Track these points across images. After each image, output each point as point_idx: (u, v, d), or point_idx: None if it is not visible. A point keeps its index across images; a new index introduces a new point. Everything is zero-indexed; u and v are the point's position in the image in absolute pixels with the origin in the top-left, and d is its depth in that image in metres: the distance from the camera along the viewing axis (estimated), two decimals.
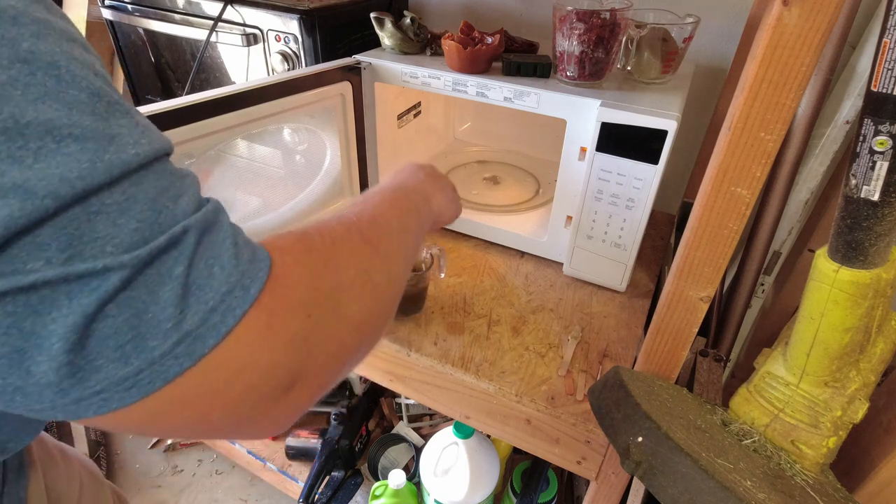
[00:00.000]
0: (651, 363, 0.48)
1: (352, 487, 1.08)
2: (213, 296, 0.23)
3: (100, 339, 0.20)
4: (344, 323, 0.29)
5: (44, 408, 0.21)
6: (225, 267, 0.23)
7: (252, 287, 0.24)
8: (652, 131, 0.57)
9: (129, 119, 0.22)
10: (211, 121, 0.56)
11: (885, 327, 0.41)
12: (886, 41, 0.30)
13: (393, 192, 0.43)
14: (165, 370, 0.21)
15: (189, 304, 0.22)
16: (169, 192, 0.23)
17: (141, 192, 0.22)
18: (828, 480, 0.44)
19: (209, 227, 0.24)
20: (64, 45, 0.21)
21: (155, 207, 0.22)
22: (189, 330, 0.22)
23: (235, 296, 0.23)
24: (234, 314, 0.23)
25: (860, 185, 0.34)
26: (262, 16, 0.78)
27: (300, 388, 0.26)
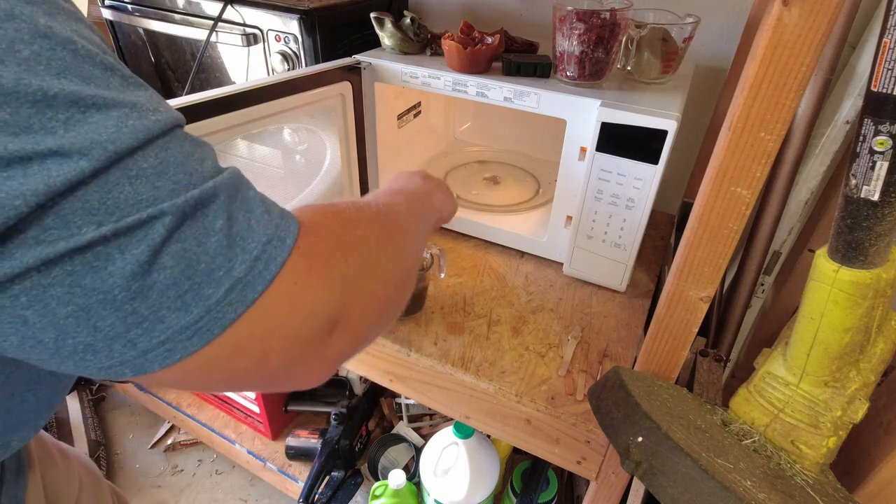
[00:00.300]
0: (651, 363, 0.48)
1: (352, 487, 1.08)
2: (255, 245, 0.24)
3: (160, 290, 0.21)
4: (377, 272, 0.31)
5: (113, 364, 0.22)
6: (260, 220, 0.25)
7: (288, 238, 0.26)
8: (652, 131, 0.57)
9: (144, 91, 0.24)
10: (211, 121, 0.56)
11: (885, 327, 0.41)
12: (886, 41, 0.30)
13: (397, 190, 0.45)
14: (223, 316, 0.23)
15: (235, 253, 0.23)
16: (194, 156, 0.24)
17: (171, 156, 0.23)
18: (828, 480, 0.44)
19: (237, 186, 0.25)
20: (73, 23, 0.22)
21: (185, 170, 0.23)
22: (239, 277, 0.23)
23: (275, 245, 0.25)
24: (277, 261, 0.25)
25: (860, 185, 0.34)
26: (262, 16, 0.78)
27: (342, 330, 0.28)
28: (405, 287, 0.36)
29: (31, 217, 0.19)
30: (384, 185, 0.50)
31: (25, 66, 0.19)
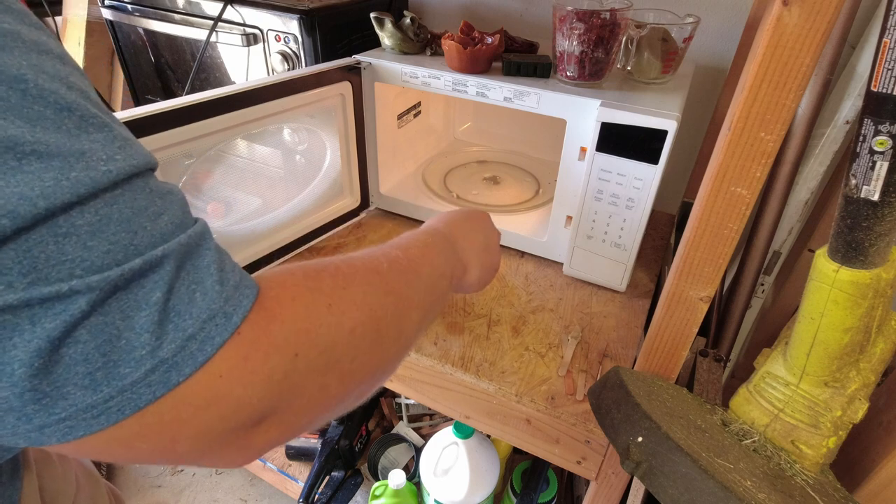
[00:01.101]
0: (651, 363, 0.48)
1: (352, 487, 1.08)
2: (192, 322, 0.22)
3: (68, 366, 0.19)
4: (334, 370, 0.27)
5: (4, 433, 0.20)
6: (207, 293, 0.23)
7: (234, 315, 0.23)
8: (652, 131, 0.57)
9: (105, 133, 0.21)
10: (211, 121, 0.56)
11: (885, 327, 0.41)
12: (886, 41, 0.30)
13: (440, 246, 0.41)
14: (137, 398, 0.21)
15: (167, 330, 0.21)
16: (147, 212, 0.22)
17: (115, 212, 0.21)
18: (828, 480, 0.44)
19: (192, 250, 0.23)
20: (33, 57, 0.20)
21: (130, 228, 0.21)
22: (165, 358, 0.21)
23: (216, 323, 0.22)
24: (213, 342, 0.22)
25: (860, 185, 0.34)
26: (262, 16, 0.78)
27: (270, 424, 0.25)
28: (383, 373, 0.32)
29: None
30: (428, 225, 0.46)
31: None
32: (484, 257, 0.48)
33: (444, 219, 0.47)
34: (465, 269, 0.45)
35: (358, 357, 0.29)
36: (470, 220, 0.48)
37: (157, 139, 0.51)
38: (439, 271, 0.39)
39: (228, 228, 0.64)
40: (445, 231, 0.45)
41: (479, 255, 0.47)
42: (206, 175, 0.60)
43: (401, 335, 0.32)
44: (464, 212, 0.49)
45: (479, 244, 0.47)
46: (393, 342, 0.31)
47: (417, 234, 0.41)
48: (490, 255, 0.49)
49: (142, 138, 0.50)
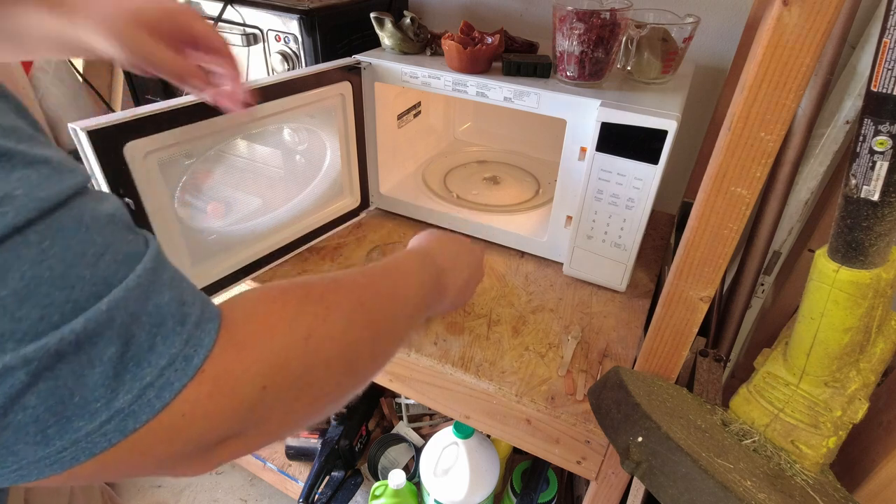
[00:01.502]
0: (651, 363, 0.48)
1: (352, 487, 1.08)
2: (150, 371, 0.21)
3: (16, 429, 0.18)
4: (304, 397, 0.27)
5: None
6: (167, 337, 0.22)
7: (196, 356, 0.22)
8: (652, 131, 0.57)
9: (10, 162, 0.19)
10: (211, 121, 0.56)
11: (885, 327, 0.41)
12: (886, 41, 0.30)
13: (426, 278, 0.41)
14: (91, 447, 0.20)
15: (123, 381, 0.20)
16: (85, 257, 0.20)
17: (44, 270, 0.18)
18: (828, 480, 0.44)
19: (146, 291, 0.21)
20: None
21: (66, 283, 0.19)
22: (120, 408, 0.20)
23: (176, 368, 0.22)
24: (173, 388, 0.21)
25: (860, 185, 0.34)
26: (262, 16, 0.78)
27: (235, 443, 0.25)
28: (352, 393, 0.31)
29: None
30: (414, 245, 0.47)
31: None
32: (464, 294, 0.50)
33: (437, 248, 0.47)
34: (442, 292, 0.45)
35: (329, 384, 0.28)
36: (462, 254, 0.49)
37: (157, 139, 0.51)
38: (420, 304, 0.39)
39: (228, 228, 0.64)
40: (436, 262, 0.45)
41: (460, 291, 0.48)
42: (206, 175, 0.60)
43: (375, 362, 0.32)
44: (457, 244, 0.50)
45: (463, 281, 0.48)
46: (366, 368, 0.32)
47: (409, 262, 0.41)
48: (469, 291, 0.51)
49: (142, 138, 0.50)
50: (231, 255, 0.65)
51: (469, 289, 0.50)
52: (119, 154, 0.49)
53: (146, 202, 0.52)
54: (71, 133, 0.46)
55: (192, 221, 0.59)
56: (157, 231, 0.54)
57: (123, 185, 0.50)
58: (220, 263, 0.63)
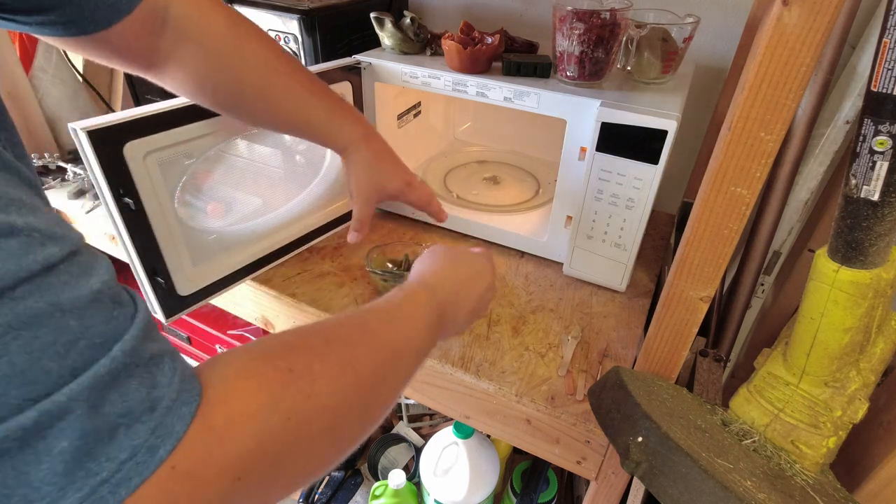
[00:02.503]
0: (651, 363, 0.48)
1: (352, 487, 1.08)
2: (108, 465, 0.19)
3: None
4: (282, 478, 0.25)
5: None
6: (132, 426, 0.20)
7: (161, 447, 0.20)
8: (652, 131, 0.57)
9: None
10: (211, 121, 0.56)
11: (885, 327, 0.41)
12: (886, 41, 0.30)
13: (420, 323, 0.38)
14: None
15: (75, 478, 0.18)
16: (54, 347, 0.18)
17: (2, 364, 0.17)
18: (828, 480, 0.44)
19: (118, 376, 0.20)
20: None
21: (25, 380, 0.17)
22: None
23: (137, 461, 0.19)
24: (130, 484, 0.19)
25: (860, 185, 0.34)
26: (262, 16, 0.78)
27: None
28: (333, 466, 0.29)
29: None
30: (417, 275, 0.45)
31: None
32: (469, 322, 0.48)
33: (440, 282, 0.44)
34: (443, 335, 0.44)
35: (312, 460, 0.27)
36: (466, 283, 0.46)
37: (157, 139, 0.51)
38: (419, 351, 0.38)
39: (229, 228, 0.64)
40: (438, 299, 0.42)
41: (469, 316, 0.47)
42: (207, 175, 0.60)
43: (364, 425, 0.31)
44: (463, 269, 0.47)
45: (467, 312, 0.46)
46: (354, 434, 0.30)
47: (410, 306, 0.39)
48: (480, 310, 0.49)
49: (142, 138, 0.50)
50: (231, 255, 0.65)
51: (473, 318, 0.48)
52: (119, 154, 0.49)
53: (146, 202, 0.52)
54: (71, 133, 0.46)
55: (192, 221, 0.59)
56: (156, 231, 0.54)
57: (123, 185, 0.50)
58: (220, 263, 0.63)
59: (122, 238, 0.52)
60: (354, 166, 0.57)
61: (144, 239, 0.54)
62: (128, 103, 1.07)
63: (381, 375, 0.32)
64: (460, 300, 0.45)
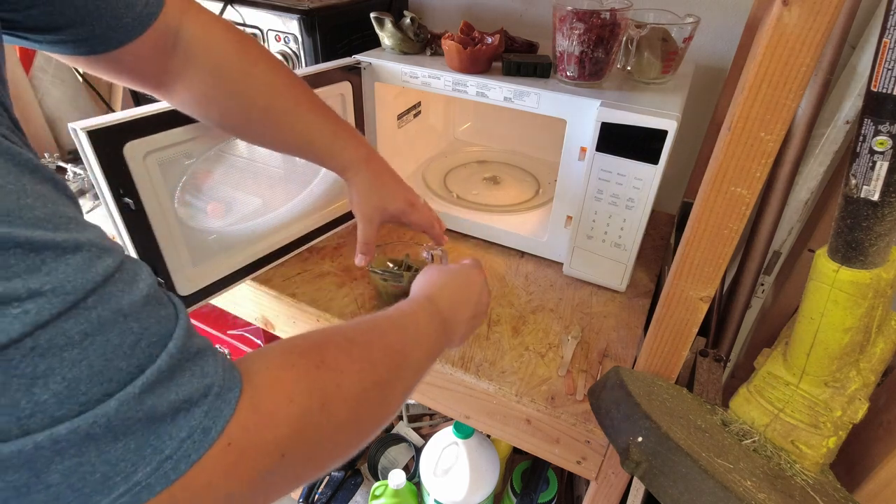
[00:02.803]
0: (651, 363, 0.48)
1: (352, 487, 1.08)
2: (170, 443, 0.22)
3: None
4: (315, 460, 0.28)
5: None
6: (189, 410, 0.22)
7: (213, 428, 0.23)
8: (652, 131, 0.57)
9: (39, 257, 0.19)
10: None
11: (885, 327, 0.41)
12: (886, 41, 0.30)
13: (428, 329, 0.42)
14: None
15: (143, 455, 0.21)
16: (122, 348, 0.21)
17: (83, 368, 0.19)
18: (828, 480, 0.44)
19: (174, 370, 0.22)
20: None
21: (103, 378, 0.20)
22: (138, 480, 0.21)
23: (194, 440, 0.22)
24: (189, 460, 0.22)
25: (860, 185, 0.34)
26: (262, 16, 0.78)
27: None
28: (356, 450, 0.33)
29: None
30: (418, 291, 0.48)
31: None
32: (470, 330, 0.51)
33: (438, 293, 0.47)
34: (450, 342, 0.47)
35: (339, 446, 0.30)
36: (462, 292, 0.49)
37: (157, 139, 0.51)
38: (429, 354, 0.41)
39: (229, 228, 0.64)
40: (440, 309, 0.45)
41: (467, 330, 0.50)
42: (207, 175, 0.60)
43: (381, 419, 0.34)
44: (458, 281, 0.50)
45: (467, 320, 0.49)
46: (374, 426, 0.33)
47: (416, 314, 0.42)
48: (475, 325, 0.52)
49: (142, 138, 0.50)
50: (232, 255, 0.65)
51: (476, 323, 0.52)
52: (119, 154, 0.49)
53: (146, 202, 0.52)
54: (71, 133, 0.46)
55: (192, 221, 0.60)
56: (157, 231, 0.54)
57: (123, 185, 0.50)
58: (220, 263, 0.63)
59: (122, 238, 0.52)
60: (355, 187, 0.58)
61: (144, 239, 0.54)
62: (128, 103, 1.07)
63: (395, 374, 0.35)
64: (459, 306, 0.48)
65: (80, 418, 0.19)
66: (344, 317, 0.65)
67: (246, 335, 1.03)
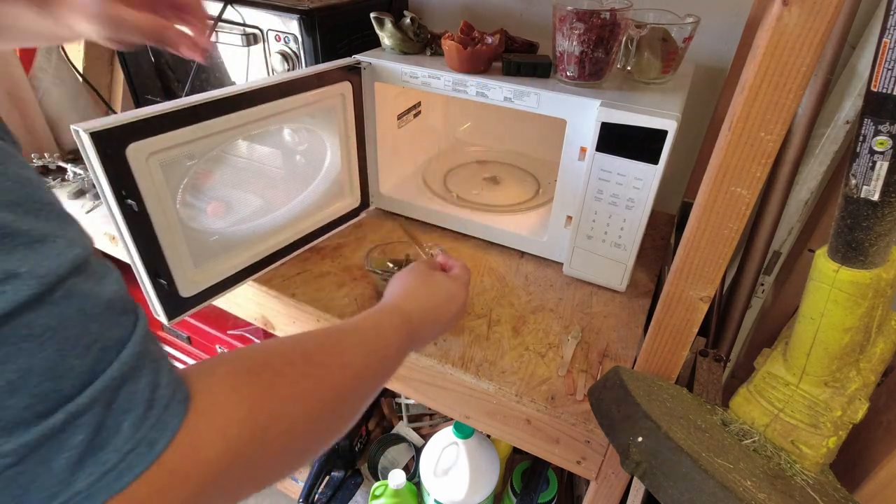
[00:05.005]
0: (651, 363, 0.48)
1: (352, 487, 1.08)
2: (113, 455, 0.21)
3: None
4: (254, 480, 0.28)
5: None
6: (136, 422, 0.22)
7: (159, 442, 0.23)
8: (652, 131, 0.57)
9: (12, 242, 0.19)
10: (212, 122, 0.56)
11: (885, 327, 0.41)
12: (886, 41, 0.30)
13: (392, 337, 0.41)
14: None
15: (85, 465, 0.20)
16: (78, 347, 0.20)
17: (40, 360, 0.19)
18: (828, 480, 0.44)
19: (127, 378, 0.22)
20: None
21: (56, 374, 0.20)
22: (78, 490, 0.20)
23: (139, 452, 0.22)
24: (133, 472, 0.22)
25: (860, 185, 0.34)
26: (262, 16, 0.78)
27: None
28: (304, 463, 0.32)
29: None
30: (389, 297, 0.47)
31: None
32: (442, 331, 0.50)
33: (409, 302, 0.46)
34: (412, 349, 0.45)
35: (283, 466, 0.29)
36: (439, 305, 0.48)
37: (159, 140, 0.51)
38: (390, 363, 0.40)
39: (230, 229, 0.64)
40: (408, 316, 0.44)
41: (432, 336, 0.49)
42: (207, 175, 0.60)
43: (330, 437, 0.33)
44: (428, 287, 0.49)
45: (438, 330, 0.48)
46: (319, 446, 0.32)
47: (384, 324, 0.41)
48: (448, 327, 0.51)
49: (145, 140, 0.50)
50: (233, 256, 0.65)
51: (449, 325, 0.50)
52: (121, 156, 0.49)
53: (148, 204, 0.52)
54: (73, 134, 0.46)
55: (193, 222, 0.60)
56: (159, 233, 0.54)
57: (126, 186, 0.50)
58: (221, 264, 0.63)
59: (124, 240, 0.52)
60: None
61: (147, 240, 0.54)
62: (128, 103, 1.07)
63: (351, 392, 0.34)
64: (430, 322, 0.47)
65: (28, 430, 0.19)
66: (344, 317, 0.65)
67: (246, 335, 1.03)
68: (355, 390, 0.35)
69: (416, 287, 0.48)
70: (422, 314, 0.46)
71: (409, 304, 0.46)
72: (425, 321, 0.46)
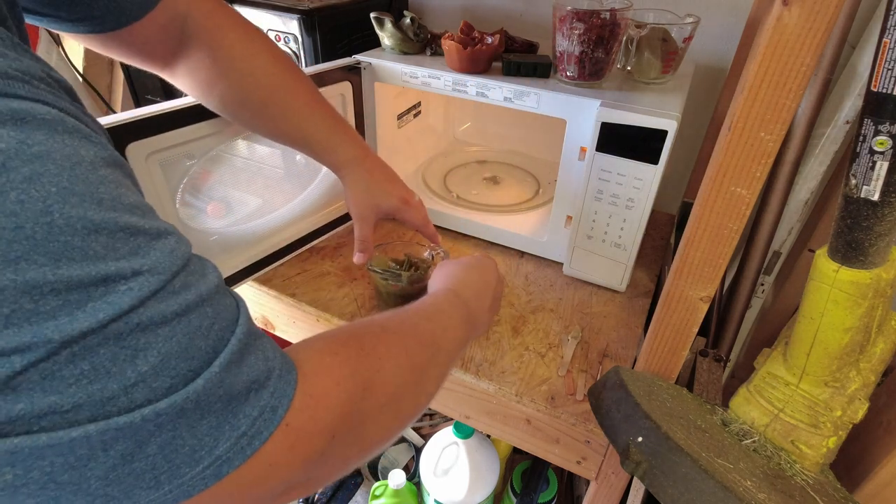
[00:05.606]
0: (651, 363, 0.48)
1: (351, 487, 1.08)
2: (244, 421, 0.24)
3: (137, 475, 0.21)
4: (358, 443, 0.30)
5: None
6: (258, 390, 0.25)
7: (280, 407, 0.25)
8: (652, 131, 0.57)
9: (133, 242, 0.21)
10: (213, 121, 0.56)
11: (885, 327, 0.41)
12: (886, 41, 0.30)
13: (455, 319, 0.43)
14: (190, 488, 0.23)
15: (223, 431, 0.23)
16: (202, 329, 0.23)
17: (174, 344, 0.22)
18: (828, 480, 0.44)
19: (244, 352, 0.25)
20: (64, 178, 0.19)
21: (188, 355, 0.22)
22: (219, 454, 0.23)
23: (264, 418, 0.25)
24: (261, 437, 0.24)
25: (860, 185, 0.34)
26: (262, 16, 0.78)
27: (296, 492, 0.28)
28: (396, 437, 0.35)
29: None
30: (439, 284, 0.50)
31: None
32: (493, 316, 0.53)
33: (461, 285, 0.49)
34: (476, 330, 0.48)
35: (381, 430, 0.32)
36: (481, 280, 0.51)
37: (159, 140, 0.51)
38: (458, 343, 0.43)
39: (230, 229, 0.64)
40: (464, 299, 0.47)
41: (489, 314, 0.51)
42: (207, 175, 0.60)
43: (418, 405, 0.36)
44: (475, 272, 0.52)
45: (489, 307, 0.51)
46: (411, 412, 0.35)
47: (443, 305, 0.44)
48: (495, 312, 0.54)
49: (145, 139, 0.50)
50: (233, 256, 0.65)
51: (495, 309, 0.53)
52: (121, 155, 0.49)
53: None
54: None
55: (193, 222, 0.60)
56: None
57: None
58: (221, 264, 0.63)
59: None
60: (350, 185, 0.59)
61: None
62: (128, 103, 1.07)
63: (429, 361, 0.37)
64: (481, 297, 0.49)
65: (176, 395, 0.21)
66: (344, 317, 0.65)
67: None
68: (432, 360, 0.37)
69: (456, 271, 0.51)
70: (471, 289, 0.49)
71: (456, 284, 0.48)
72: (475, 293, 0.49)
